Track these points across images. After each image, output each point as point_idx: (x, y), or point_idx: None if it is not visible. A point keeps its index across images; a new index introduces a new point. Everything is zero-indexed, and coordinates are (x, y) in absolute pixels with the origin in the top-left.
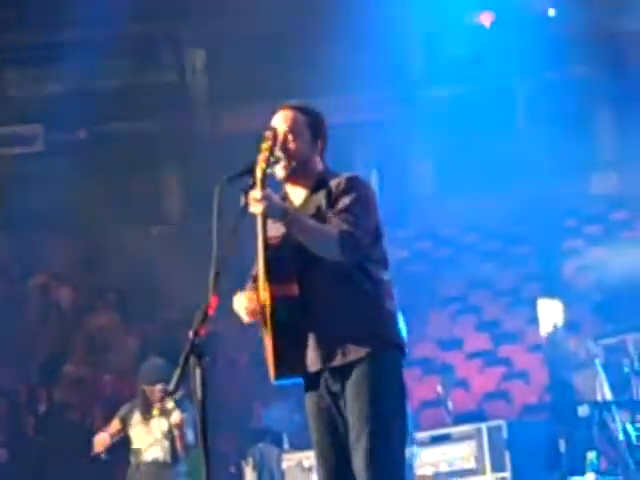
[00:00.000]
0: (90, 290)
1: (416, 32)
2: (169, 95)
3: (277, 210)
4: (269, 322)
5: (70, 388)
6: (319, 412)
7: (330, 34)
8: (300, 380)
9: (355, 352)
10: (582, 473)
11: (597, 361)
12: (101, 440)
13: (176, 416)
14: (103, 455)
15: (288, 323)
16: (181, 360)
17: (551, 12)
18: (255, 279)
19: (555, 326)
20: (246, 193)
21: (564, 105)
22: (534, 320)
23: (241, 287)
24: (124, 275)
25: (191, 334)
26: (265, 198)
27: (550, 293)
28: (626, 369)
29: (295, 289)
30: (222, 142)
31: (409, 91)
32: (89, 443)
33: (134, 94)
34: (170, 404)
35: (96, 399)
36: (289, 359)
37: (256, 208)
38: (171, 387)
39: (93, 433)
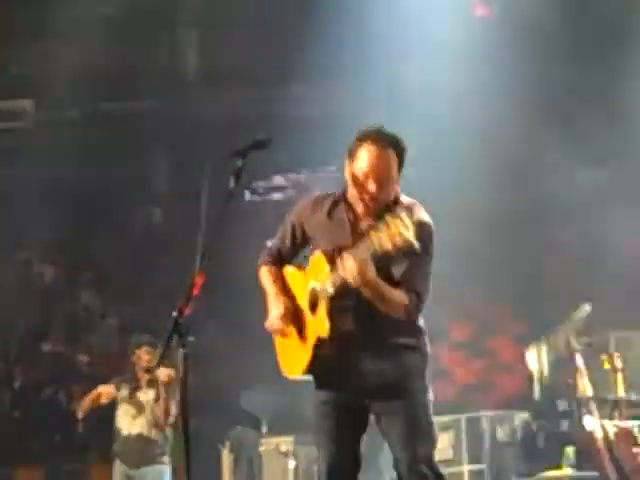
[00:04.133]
0: (73, 269)
1: (411, 19)
2: (162, 76)
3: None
4: (311, 335)
5: (47, 365)
6: (335, 412)
7: (325, 21)
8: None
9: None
10: (559, 467)
11: (577, 357)
12: (84, 404)
13: (164, 374)
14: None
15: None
16: (165, 338)
17: (544, 11)
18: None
19: (542, 370)
20: (236, 176)
21: (556, 102)
22: (518, 314)
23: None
24: (108, 256)
25: (175, 313)
26: (360, 273)
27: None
28: (606, 366)
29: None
30: (213, 124)
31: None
32: (63, 419)
33: (127, 74)
34: (158, 370)
35: (73, 378)
36: (319, 368)
37: (351, 279)
38: (154, 363)
39: (68, 411)
